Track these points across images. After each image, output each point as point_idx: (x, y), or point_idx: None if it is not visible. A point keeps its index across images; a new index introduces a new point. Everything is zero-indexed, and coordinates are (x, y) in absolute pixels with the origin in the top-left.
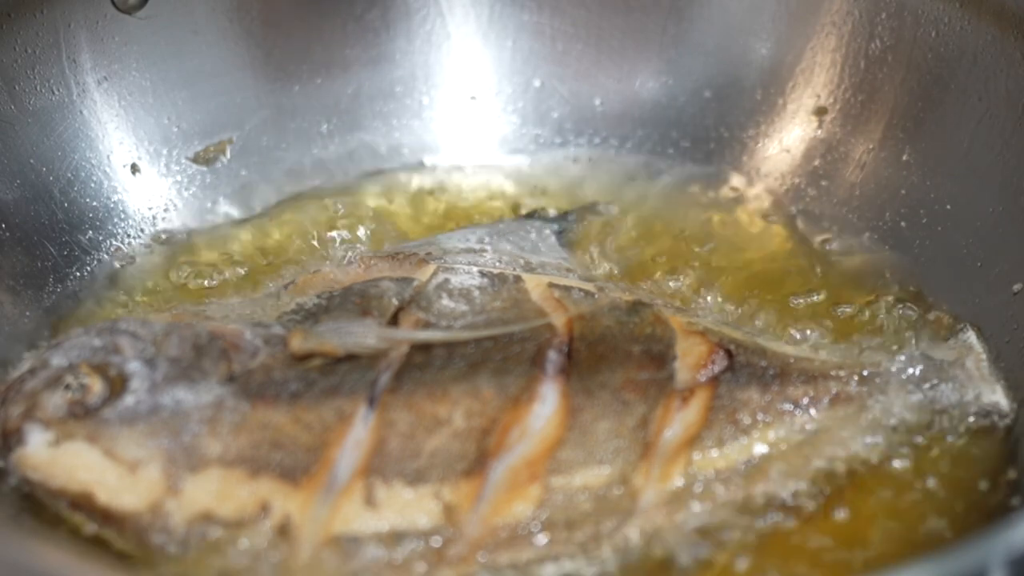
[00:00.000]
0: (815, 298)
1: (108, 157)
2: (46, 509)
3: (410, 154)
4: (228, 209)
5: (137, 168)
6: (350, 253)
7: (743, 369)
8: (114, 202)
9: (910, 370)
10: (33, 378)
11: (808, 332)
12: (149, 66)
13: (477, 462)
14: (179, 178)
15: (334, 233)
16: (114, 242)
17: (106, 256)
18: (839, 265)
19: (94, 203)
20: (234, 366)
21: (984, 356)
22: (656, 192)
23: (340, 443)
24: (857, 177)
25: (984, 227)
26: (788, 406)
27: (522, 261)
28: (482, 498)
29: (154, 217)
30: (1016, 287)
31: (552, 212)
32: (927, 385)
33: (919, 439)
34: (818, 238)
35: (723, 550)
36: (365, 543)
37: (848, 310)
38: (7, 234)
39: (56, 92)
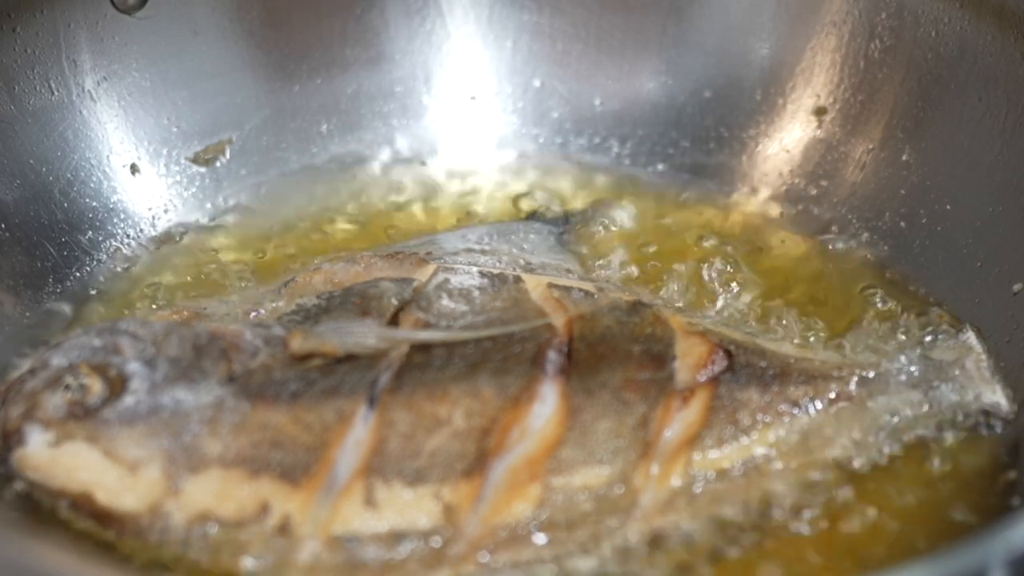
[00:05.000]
0: (814, 298)
1: (108, 157)
2: (46, 509)
3: (410, 154)
4: (228, 209)
5: (137, 168)
6: (350, 252)
7: (743, 369)
8: (114, 202)
9: (910, 370)
10: (33, 378)
11: (807, 332)
12: (149, 66)
13: (477, 462)
14: (179, 178)
15: (334, 232)
16: (114, 242)
17: (106, 256)
18: (839, 265)
19: (94, 203)
20: (234, 366)
21: (984, 356)
22: (656, 192)
23: (340, 443)
24: (857, 177)
25: (984, 227)
26: (788, 406)
27: (522, 261)
28: (482, 498)
29: (154, 217)
30: (1016, 287)
31: (552, 212)
32: (927, 385)
33: (918, 439)
34: (818, 238)
35: (723, 550)
36: (365, 543)
37: (848, 310)
38: (7, 234)
39: (56, 92)
